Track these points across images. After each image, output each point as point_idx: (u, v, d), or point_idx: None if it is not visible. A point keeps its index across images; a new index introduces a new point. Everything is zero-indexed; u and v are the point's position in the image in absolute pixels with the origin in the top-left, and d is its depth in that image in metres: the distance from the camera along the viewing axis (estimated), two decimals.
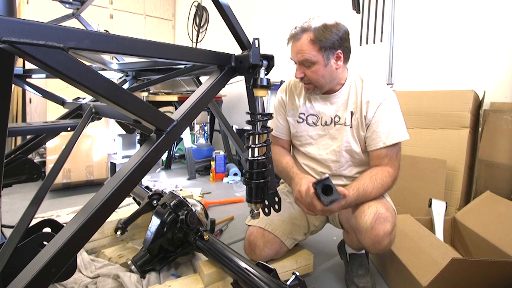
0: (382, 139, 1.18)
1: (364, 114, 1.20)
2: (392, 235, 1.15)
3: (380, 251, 1.15)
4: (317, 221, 1.40)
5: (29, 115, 3.61)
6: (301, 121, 1.32)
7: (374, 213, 1.11)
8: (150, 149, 0.66)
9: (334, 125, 1.27)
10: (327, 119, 1.28)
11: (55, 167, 0.90)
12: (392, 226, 1.13)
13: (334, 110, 1.26)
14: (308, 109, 1.30)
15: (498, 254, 1.26)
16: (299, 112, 1.32)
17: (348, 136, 1.24)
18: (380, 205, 1.14)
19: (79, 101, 1.40)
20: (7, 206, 2.31)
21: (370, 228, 1.10)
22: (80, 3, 1.69)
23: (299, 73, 1.19)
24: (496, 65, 1.95)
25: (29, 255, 0.71)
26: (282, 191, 1.43)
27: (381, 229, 1.10)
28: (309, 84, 1.21)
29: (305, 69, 1.17)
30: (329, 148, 1.28)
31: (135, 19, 4.67)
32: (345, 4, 2.75)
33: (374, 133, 1.19)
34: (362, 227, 1.12)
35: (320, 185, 1.03)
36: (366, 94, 1.21)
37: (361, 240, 1.16)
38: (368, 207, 1.14)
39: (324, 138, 1.29)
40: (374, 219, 1.10)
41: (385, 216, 1.11)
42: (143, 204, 1.57)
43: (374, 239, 1.11)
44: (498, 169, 1.78)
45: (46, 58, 0.50)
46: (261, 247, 1.27)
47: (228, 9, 0.85)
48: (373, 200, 1.16)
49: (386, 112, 1.19)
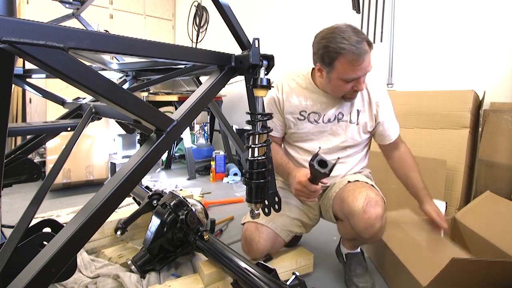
0: (395, 133, 1.37)
1: (375, 113, 1.32)
2: (384, 219, 1.18)
3: (373, 236, 1.18)
4: (311, 214, 1.42)
5: (29, 115, 3.61)
6: (302, 119, 1.34)
7: (365, 197, 1.17)
8: (150, 149, 0.66)
9: (338, 121, 1.32)
10: (330, 116, 1.31)
11: (55, 167, 0.90)
12: (383, 210, 1.17)
13: (337, 107, 1.30)
14: (309, 107, 1.32)
15: (498, 254, 1.25)
16: (300, 110, 1.33)
17: (353, 133, 1.32)
18: (369, 190, 1.20)
19: (79, 101, 1.40)
20: (7, 206, 2.31)
21: (362, 211, 1.14)
22: (80, 3, 1.69)
23: (363, 86, 1.20)
24: (496, 65, 1.95)
25: (29, 255, 0.71)
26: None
27: (373, 212, 1.14)
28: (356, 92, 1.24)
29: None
30: (331, 144, 1.33)
31: (135, 19, 4.67)
32: (345, 4, 2.75)
33: (388, 129, 1.35)
34: (354, 211, 1.16)
35: (316, 162, 1.08)
36: (375, 95, 1.31)
37: (354, 226, 1.19)
38: (359, 192, 1.19)
39: (325, 134, 1.34)
40: (365, 202, 1.15)
41: (376, 200, 1.17)
42: (143, 204, 1.57)
43: (366, 222, 1.14)
44: (498, 169, 1.78)
45: (46, 58, 0.50)
46: (256, 240, 1.29)
47: (228, 9, 0.85)
48: (363, 187, 1.22)
49: (390, 109, 1.36)
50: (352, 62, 1.10)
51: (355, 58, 1.09)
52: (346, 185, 1.27)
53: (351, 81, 1.17)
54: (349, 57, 1.10)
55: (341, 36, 1.10)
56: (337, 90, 1.23)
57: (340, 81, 1.18)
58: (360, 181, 1.27)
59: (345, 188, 1.26)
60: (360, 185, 1.24)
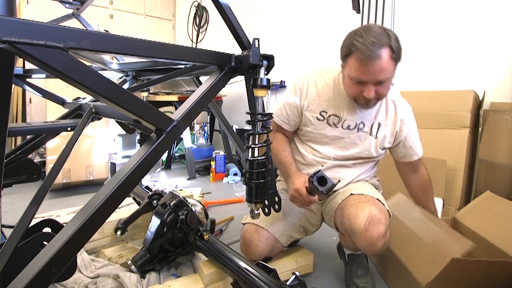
0: (417, 153, 1.34)
1: (397, 130, 1.28)
2: (386, 236, 1.14)
3: (375, 253, 1.16)
4: (314, 220, 1.40)
5: (29, 115, 3.61)
6: (321, 119, 1.27)
7: (367, 216, 1.11)
8: (150, 149, 0.66)
9: (357, 131, 1.26)
10: (351, 123, 1.26)
11: (55, 167, 0.90)
12: (386, 228, 1.12)
13: (361, 117, 1.25)
14: (331, 109, 1.26)
15: (498, 254, 1.25)
16: (321, 110, 1.27)
17: (370, 145, 1.27)
18: (373, 206, 1.14)
19: (79, 101, 1.40)
20: (7, 206, 2.31)
21: (364, 230, 1.10)
22: (80, 3, 1.69)
23: (373, 93, 1.10)
24: (496, 65, 1.95)
25: (29, 255, 0.71)
26: (278, 189, 1.43)
27: (374, 231, 1.10)
28: (374, 99, 1.15)
29: (377, 86, 1.10)
30: (346, 152, 1.28)
31: (135, 19, 4.67)
32: (345, 4, 2.75)
33: (411, 148, 1.32)
34: (356, 229, 1.13)
35: (315, 178, 1.08)
36: (402, 112, 1.28)
37: (355, 243, 1.17)
38: (362, 209, 1.14)
39: (341, 141, 1.28)
40: (367, 221, 1.10)
41: (378, 218, 1.11)
42: (143, 204, 1.57)
43: (368, 241, 1.11)
44: (498, 169, 1.78)
45: (46, 58, 0.50)
46: (255, 243, 1.27)
47: (228, 9, 0.85)
48: (367, 202, 1.16)
49: (415, 129, 1.33)
50: (360, 62, 1.06)
51: (363, 59, 1.05)
52: (348, 198, 1.22)
53: (361, 85, 1.10)
54: (357, 56, 1.06)
55: (360, 35, 1.05)
56: (348, 89, 1.17)
57: (349, 80, 1.13)
58: (364, 194, 1.21)
59: (348, 202, 1.20)
60: (364, 199, 1.18)
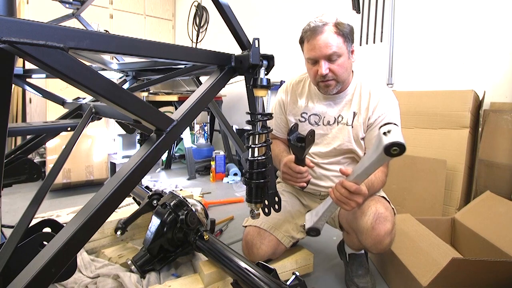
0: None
1: (369, 116, 1.23)
2: (393, 234, 1.15)
3: (381, 251, 1.16)
4: None
5: (29, 115, 3.61)
6: (303, 121, 1.33)
7: (374, 213, 1.12)
8: (150, 149, 0.66)
9: (337, 124, 1.28)
10: (330, 119, 1.29)
11: (55, 167, 0.90)
12: (392, 225, 1.14)
13: (338, 110, 1.28)
14: (310, 109, 1.31)
15: (498, 254, 1.26)
16: (301, 111, 1.33)
17: (349, 136, 1.26)
18: (379, 204, 1.15)
19: (79, 101, 1.40)
20: (7, 206, 2.31)
21: (371, 228, 1.11)
22: (80, 3, 1.69)
23: (325, 69, 1.13)
24: (496, 65, 1.94)
25: (29, 255, 0.71)
26: (278, 190, 1.43)
27: (382, 229, 1.11)
28: (332, 80, 1.17)
29: (330, 64, 1.14)
30: (331, 147, 1.29)
31: (135, 19, 4.67)
32: (345, 4, 2.75)
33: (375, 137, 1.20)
34: (363, 227, 1.13)
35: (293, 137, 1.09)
36: (375, 100, 1.23)
37: (362, 241, 1.17)
38: (368, 207, 1.15)
39: (326, 137, 1.31)
40: (374, 219, 1.11)
41: (385, 216, 1.12)
42: (143, 204, 1.57)
43: (375, 239, 1.11)
44: (498, 169, 1.78)
45: (46, 58, 0.50)
46: (258, 245, 1.27)
47: (228, 9, 0.85)
48: (372, 200, 1.17)
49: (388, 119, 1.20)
50: (308, 41, 1.15)
51: (309, 36, 1.14)
52: None
53: (316, 64, 1.16)
54: (306, 36, 1.15)
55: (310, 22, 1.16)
56: (310, 75, 1.23)
57: (308, 64, 1.20)
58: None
59: None
60: (369, 197, 1.18)
